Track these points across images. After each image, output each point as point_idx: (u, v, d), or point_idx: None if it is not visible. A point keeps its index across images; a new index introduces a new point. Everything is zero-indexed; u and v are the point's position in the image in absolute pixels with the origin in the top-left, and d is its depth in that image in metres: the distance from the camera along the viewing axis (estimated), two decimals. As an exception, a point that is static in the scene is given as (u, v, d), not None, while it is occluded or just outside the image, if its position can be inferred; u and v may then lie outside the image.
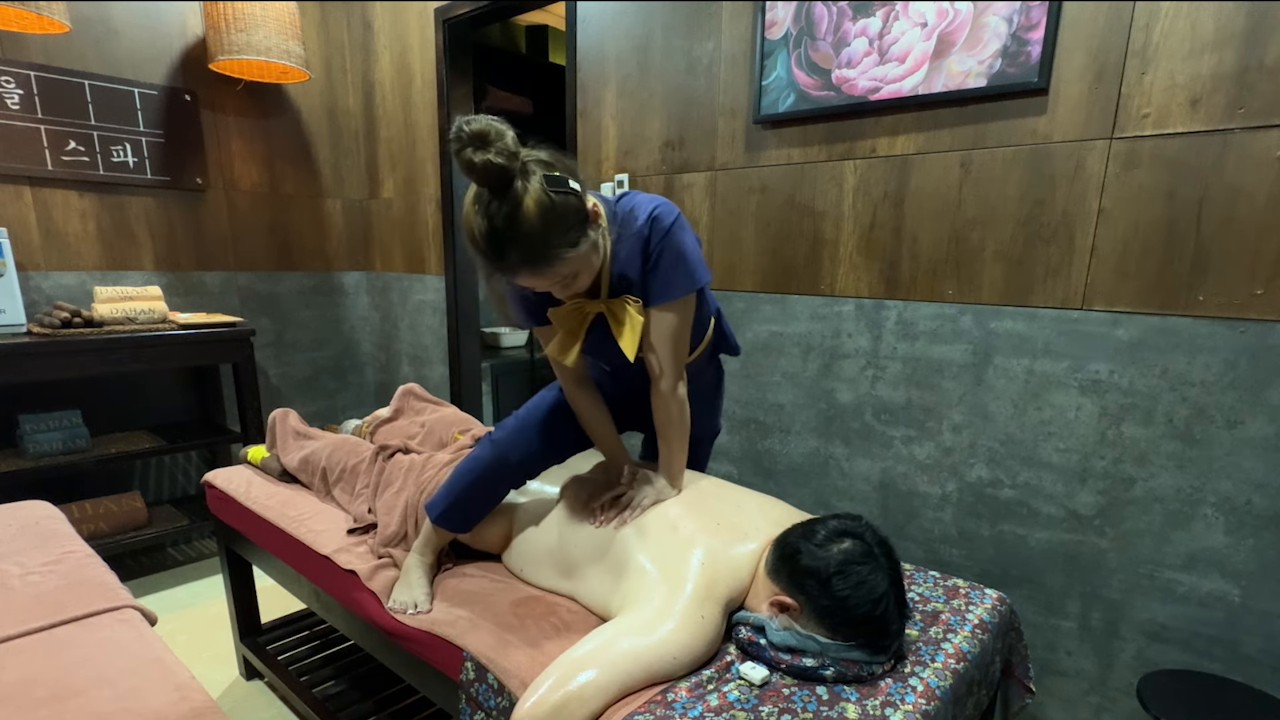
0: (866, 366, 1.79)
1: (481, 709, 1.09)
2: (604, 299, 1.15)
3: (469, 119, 0.91)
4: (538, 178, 0.94)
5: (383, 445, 1.68)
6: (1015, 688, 1.35)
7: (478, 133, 0.90)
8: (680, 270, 1.12)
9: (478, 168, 0.91)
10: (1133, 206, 1.37)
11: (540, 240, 0.95)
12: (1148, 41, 1.31)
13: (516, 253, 0.96)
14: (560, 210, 0.96)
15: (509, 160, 0.91)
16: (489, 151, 0.90)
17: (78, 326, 2.24)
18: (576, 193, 0.98)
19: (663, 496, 1.26)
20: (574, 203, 0.98)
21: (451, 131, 0.91)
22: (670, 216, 1.11)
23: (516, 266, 0.98)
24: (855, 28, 1.64)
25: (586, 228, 1.01)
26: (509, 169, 0.92)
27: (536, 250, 0.96)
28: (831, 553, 1.04)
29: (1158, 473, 1.41)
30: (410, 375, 3.34)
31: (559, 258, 0.98)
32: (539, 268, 0.98)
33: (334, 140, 3.23)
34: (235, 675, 2.06)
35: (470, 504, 1.32)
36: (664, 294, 1.13)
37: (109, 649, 1.09)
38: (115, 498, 2.51)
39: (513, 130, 0.93)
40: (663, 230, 1.10)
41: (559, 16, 3.55)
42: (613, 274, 1.14)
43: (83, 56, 2.46)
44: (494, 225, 0.94)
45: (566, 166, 1.00)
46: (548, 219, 0.94)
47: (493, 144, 0.90)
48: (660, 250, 1.11)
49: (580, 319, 1.15)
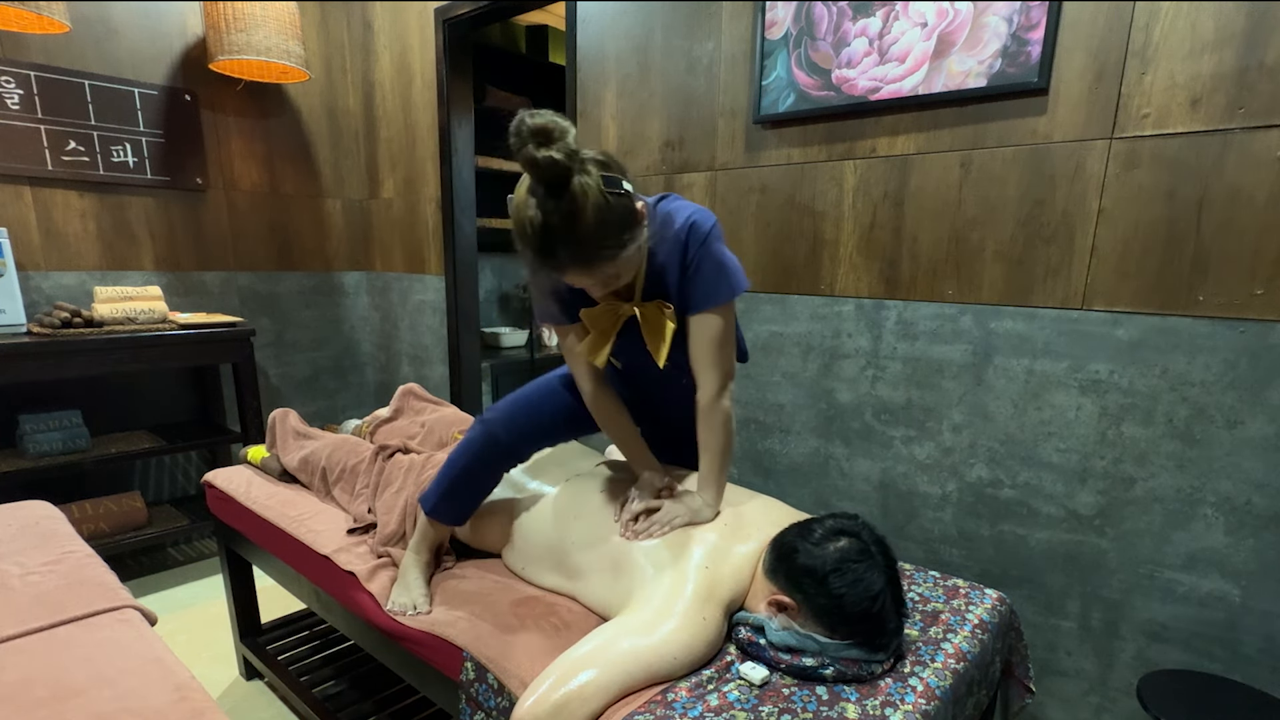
0: (866, 366, 1.79)
1: (481, 709, 1.09)
2: (637, 301, 1.14)
3: (532, 112, 0.89)
4: (595, 177, 0.93)
5: (382, 445, 1.68)
6: (1015, 688, 1.35)
7: (540, 128, 0.89)
8: (722, 277, 1.12)
9: (540, 164, 0.89)
10: (1133, 206, 1.37)
11: (593, 240, 0.95)
12: (1148, 41, 1.31)
13: (567, 251, 0.96)
14: (614, 211, 0.95)
15: (569, 158, 0.90)
16: (551, 148, 0.89)
17: (78, 326, 2.24)
18: (629, 194, 0.98)
19: (699, 519, 1.18)
20: (626, 204, 0.98)
21: (512, 125, 0.90)
22: (708, 224, 1.11)
23: (565, 264, 0.98)
24: (855, 28, 1.64)
25: (636, 229, 1.01)
26: (569, 166, 0.91)
27: (588, 250, 0.96)
28: (828, 551, 1.04)
29: (1158, 473, 1.41)
30: (410, 375, 3.34)
31: (608, 258, 0.98)
32: (588, 266, 0.98)
33: (334, 140, 3.23)
34: (235, 675, 2.06)
35: (462, 492, 1.31)
36: (708, 300, 1.13)
37: (109, 649, 1.09)
38: (115, 498, 2.51)
39: (572, 127, 0.92)
40: (701, 238, 1.10)
41: (559, 16, 3.55)
42: (647, 277, 1.13)
43: (83, 56, 2.46)
44: (549, 223, 0.93)
45: (619, 167, 0.99)
46: (602, 219, 0.94)
47: (555, 140, 0.89)
48: (700, 258, 1.10)
49: (613, 320, 1.15)
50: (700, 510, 1.20)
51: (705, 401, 1.19)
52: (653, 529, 1.16)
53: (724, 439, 1.20)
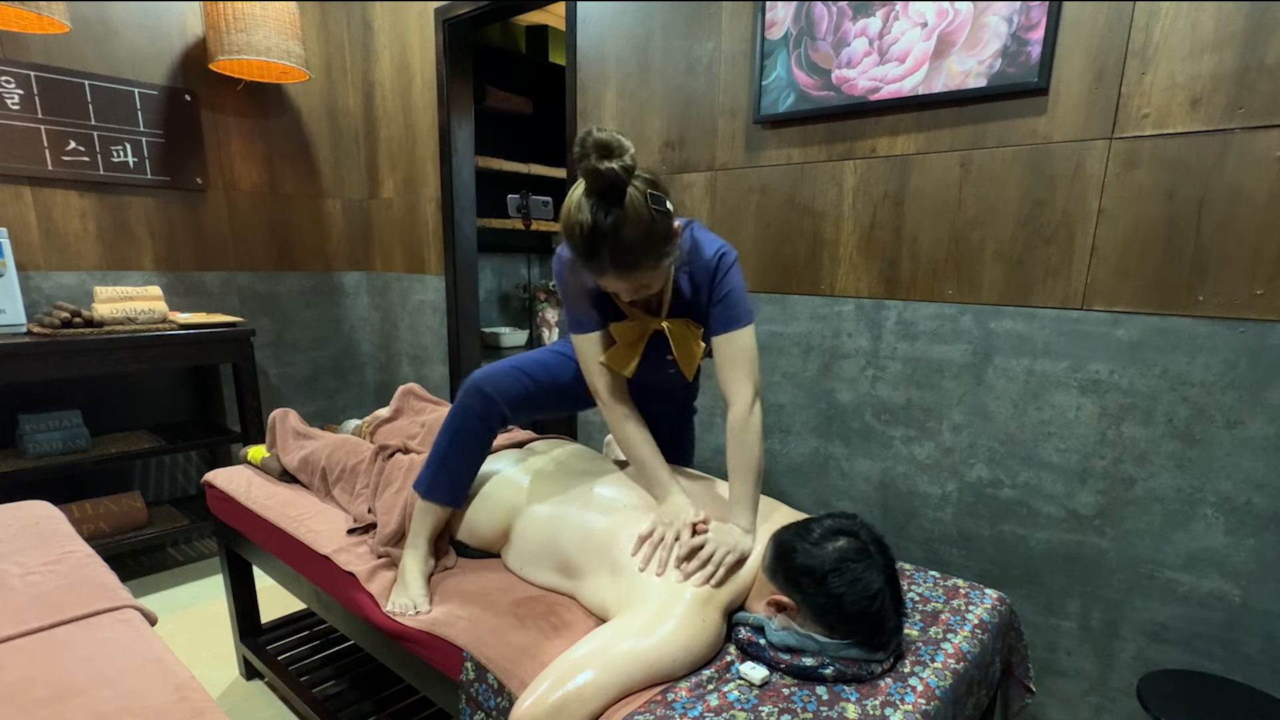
0: (866, 366, 1.79)
1: (481, 709, 1.09)
2: (664, 317, 1.25)
3: (598, 128, 1.01)
4: (644, 194, 1.04)
5: (383, 445, 1.68)
6: (1015, 688, 1.35)
7: (604, 142, 1.00)
8: (744, 302, 1.24)
9: (603, 175, 1.00)
10: (1133, 206, 1.37)
11: (635, 250, 1.05)
12: (1148, 41, 1.31)
13: (610, 255, 1.05)
14: (656, 227, 1.06)
15: (627, 175, 1.02)
16: (613, 161, 1.00)
17: (78, 326, 2.24)
18: (670, 213, 1.09)
19: (740, 548, 1.15)
20: (666, 222, 1.08)
21: (578, 137, 1.01)
22: (733, 256, 1.24)
23: (606, 267, 1.07)
24: (855, 28, 1.64)
25: (672, 246, 1.11)
26: (624, 181, 1.02)
27: (629, 257, 1.06)
28: (826, 551, 1.04)
29: (1158, 473, 1.41)
30: (410, 375, 3.34)
31: (646, 267, 1.08)
32: (625, 272, 1.08)
33: (334, 140, 3.23)
34: (235, 675, 2.06)
35: (453, 463, 1.33)
36: (735, 322, 1.23)
37: (109, 649, 1.09)
38: (115, 498, 2.51)
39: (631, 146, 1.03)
40: (728, 268, 1.23)
41: (559, 16, 3.55)
42: (674, 297, 1.24)
43: (83, 56, 2.46)
44: (599, 228, 1.03)
45: (664, 189, 1.10)
46: (647, 233, 1.05)
47: (616, 156, 1.00)
48: (727, 285, 1.22)
49: (641, 334, 1.26)
50: (741, 541, 1.16)
51: (738, 416, 1.22)
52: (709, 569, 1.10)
53: (758, 456, 1.21)
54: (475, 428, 1.33)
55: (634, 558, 1.14)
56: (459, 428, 1.33)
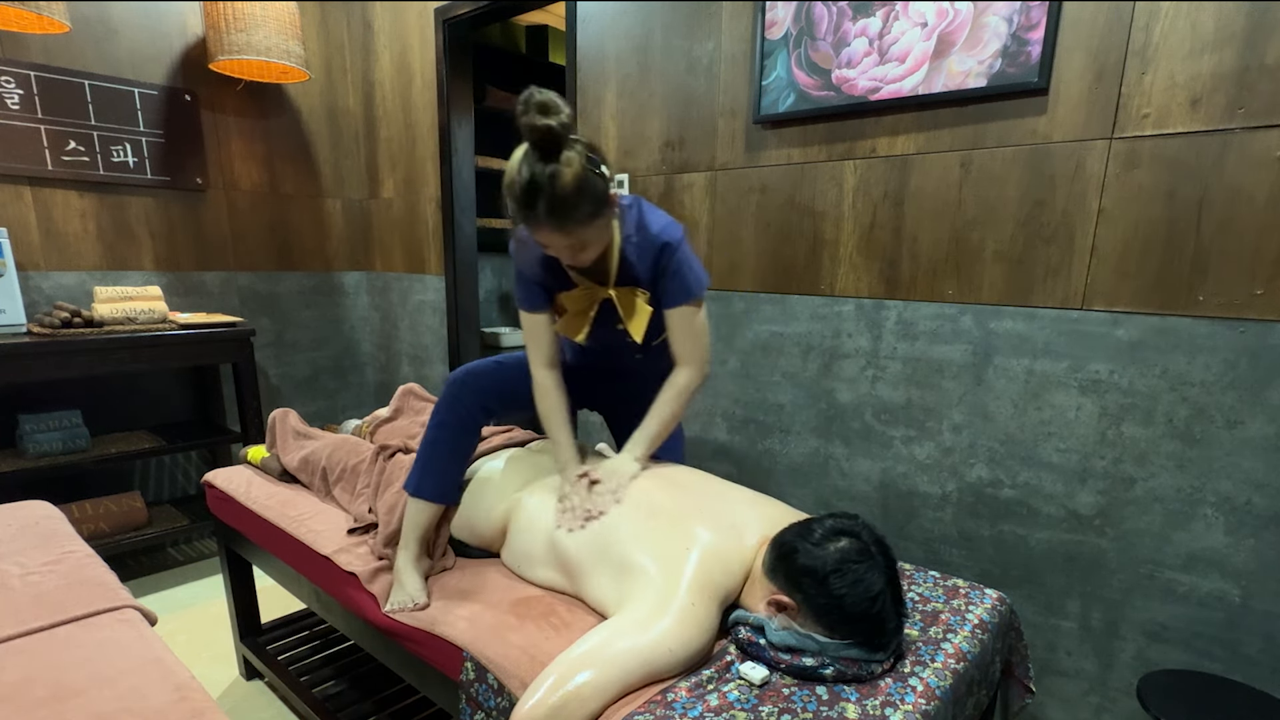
0: (866, 366, 1.79)
1: (481, 709, 1.09)
2: (612, 286, 1.30)
3: (538, 89, 1.07)
4: (581, 152, 1.11)
5: (383, 445, 1.68)
6: (1015, 688, 1.35)
7: (543, 102, 1.06)
8: (692, 277, 1.29)
9: (539, 129, 1.06)
10: (1133, 206, 1.37)
11: (570, 203, 1.10)
12: (1148, 41, 1.31)
13: (545, 207, 1.10)
14: (592, 185, 1.12)
15: (564, 130, 1.08)
16: (550, 118, 1.06)
17: (78, 326, 2.24)
18: (604, 176, 1.14)
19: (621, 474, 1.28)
20: (601, 184, 1.14)
21: (521, 96, 1.07)
22: (677, 237, 1.28)
23: (541, 220, 1.12)
24: (855, 28, 1.64)
25: (606, 208, 1.17)
26: (562, 137, 1.08)
27: (564, 209, 1.11)
28: (828, 551, 1.04)
29: (1158, 473, 1.42)
30: (410, 375, 3.34)
31: (579, 221, 1.13)
32: (559, 225, 1.13)
33: (334, 140, 3.23)
34: (235, 675, 2.06)
35: (440, 457, 1.35)
36: (684, 296, 1.29)
37: (109, 649, 1.09)
38: (115, 498, 2.51)
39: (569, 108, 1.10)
40: (674, 245, 1.27)
41: (559, 16, 3.55)
42: (621, 267, 1.28)
43: (83, 56, 2.46)
44: (535, 179, 1.09)
45: (603, 157, 1.16)
46: (581, 188, 1.10)
47: (554, 114, 1.06)
48: (675, 261, 1.27)
49: (590, 302, 1.32)
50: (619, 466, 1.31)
51: (681, 378, 1.35)
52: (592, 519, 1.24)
53: (677, 410, 1.36)
54: (457, 422, 1.36)
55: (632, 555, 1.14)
56: (441, 422, 1.37)
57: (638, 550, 1.14)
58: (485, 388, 1.38)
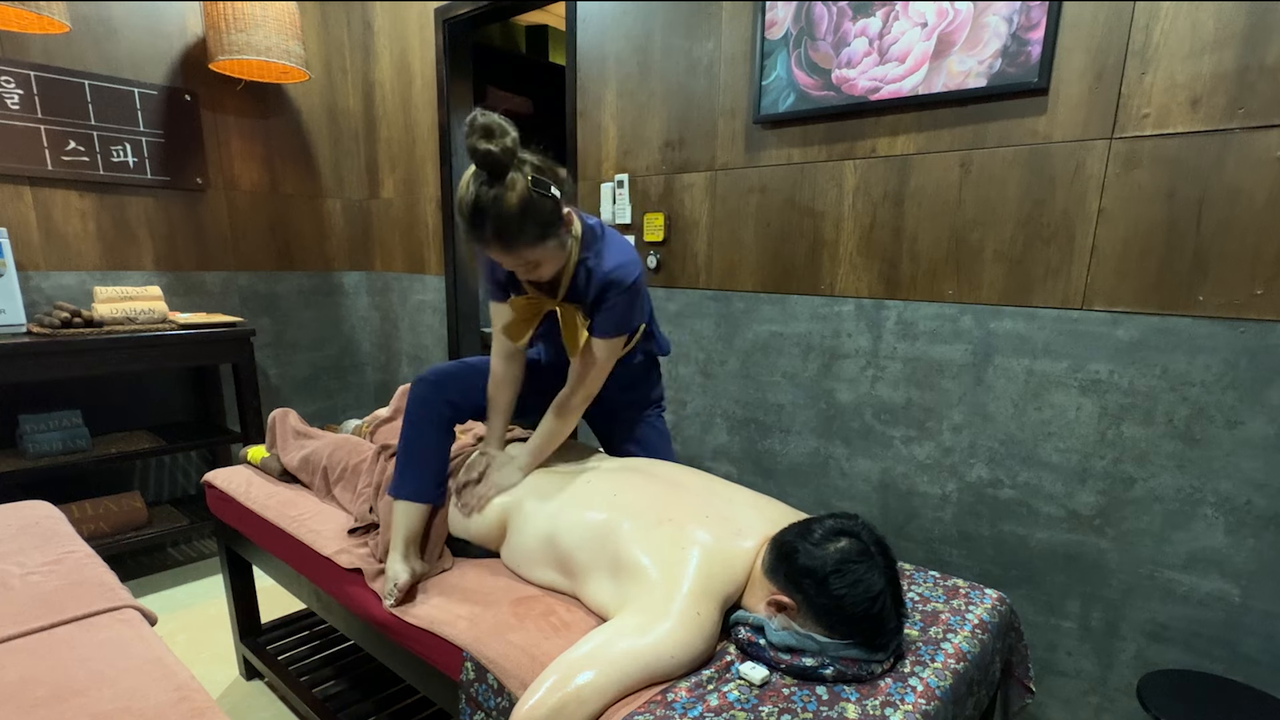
0: (866, 366, 1.79)
1: (481, 709, 1.09)
2: (559, 300, 1.33)
3: (483, 112, 1.09)
4: (526, 176, 1.12)
5: (384, 445, 1.68)
6: (1015, 688, 1.35)
7: (487, 126, 1.08)
8: (622, 321, 1.32)
9: (481, 154, 1.09)
10: (1133, 206, 1.37)
11: (515, 225, 1.13)
12: (1148, 41, 1.31)
13: (492, 229, 1.13)
14: (537, 206, 1.13)
15: (506, 155, 1.09)
16: (493, 143, 1.08)
17: (78, 326, 2.24)
18: (555, 198, 1.16)
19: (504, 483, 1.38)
20: (550, 205, 1.15)
21: (466, 120, 1.09)
22: (629, 280, 1.28)
23: (489, 240, 1.15)
24: (855, 28, 1.64)
25: (557, 229, 1.19)
26: (505, 161, 1.10)
27: (509, 232, 1.14)
28: (828, 551, 1.04)
29: (1158, 473, 1.41)
30: (410, 375, 3.34)
31: (525, 244, 1.16)
32: (507, 246, 1.16)
33: (334, 140, 3.23)
34: (235, 675, 2.06)
35: (415, 457, 1.38)
36: (603, 332, 1.32)
37: (109, 649, 1.09)
38: (115, 498, 2.51)
39: (516, 131, 1.11)
40: (620, 290, 1.28)
41: (559, 16, 3.55)
42: (572, 283, 1.31)
43: (83, 56, 2.46)
44: (481, 202, 1.12)
45: (554, 175, 1.18)
46: (525, 210, 1.12)
47: (497, 138, 1.08)
48: (616, 302, 1.29)
49: (536, 311, 1.36)
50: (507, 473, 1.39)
51: (562, 398, 1.40)
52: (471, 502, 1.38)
53: (559, 429, 1.41)
54: (426, 420, 1.39)
55: (632, 556, 1.14)
56: (411, 421, 1.40)
57: (638, 551, 1.14)
58: (448, 385, 1.41)
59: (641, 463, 1.41)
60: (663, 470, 1.35)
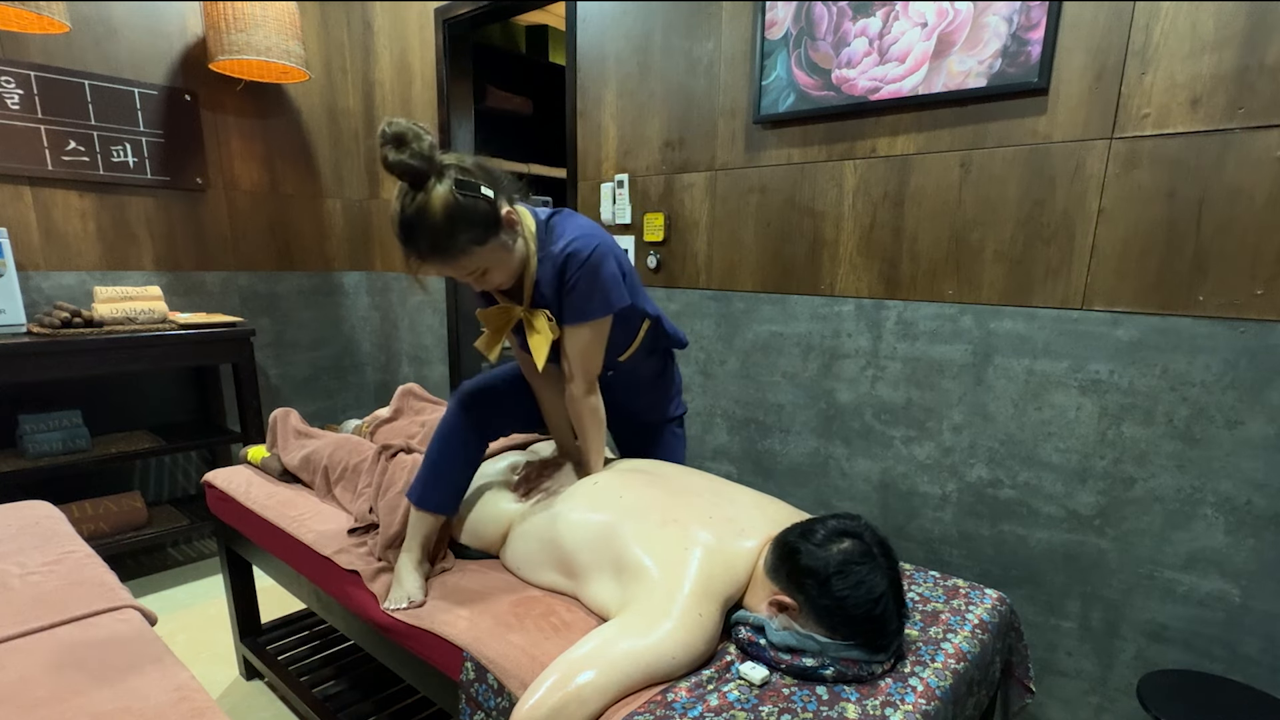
0: (866, 366, 1.79)
1: (481, 709, 1.09)
2: (525, 307, 1.26)
3: (393, 121, 1.03)
4: (449, 180, 1.06)
5: (385, 445, 1.68)
6: (1015, 688, 1.35)
7: (397, 134, 1.02)
8: (595, 298, 1.22)
9: (392, 164, 1.03)
10: (1133, 206, 1.37)
11: (445, 234, 1.07)
12: (1148, 41, 1.31)
13: (423, 241, 1.08)
14: (466, 210, 1.07)
15: (421, 161, 1.03)
16: (404, 152, 1.02)
17: (78, 326, 2.24)
18: (487, 199, 1.09)
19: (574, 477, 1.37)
20: (483, 206, 1.09)
21: (378, 130, 1.04)
22: (586, 250, 1.19)
23: (425, 253, 1.10)
24: (855, 28, 1.64)
25: (496, 230, 1.12)
26: (421, 169, 1.04)
27: (441, 242, 1.08)
28: (831, 552, 1.04)
29: (1158, 473, 1.41)
30: (410, 375, 3.34)
31: (463, 251, 1.10)
32: (443, 257, 1.10)
33: (334, 140, 3.23)
34: (235, 675, 2.06)
35: (445, 474, 1.34)
36: (577, 317, 1.24)
37: (109, 649, 1.09)
38: (115, 498, 2.51)
39: (430, 136, 1.05)
40: (579, 263, 1.19)
41: (559, 16, 3.55)
42: (536, 287, 1.25)
43: (83, 56, 2.46)
44: (406, 215, 1.07)
45: (487, 175, 1.11)
46: (453, 216, 1.06)
47: (409, 145, 1.02)
48: (577, 279, 1.20)
49: (505, 320, 1.28)
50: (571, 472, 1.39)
51: (570, 395, 1.34)
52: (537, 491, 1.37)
53: (591, 423, 1.36)
54: (462, 437, 1.35)
55: (633, 556, 1.14)
56: (447, 435, 1.35)
57: (640, 551, 1.14)
58: (490, 405, 1.36)
59: (648, 464, 1.41)
60: (669, 472, 1.35)
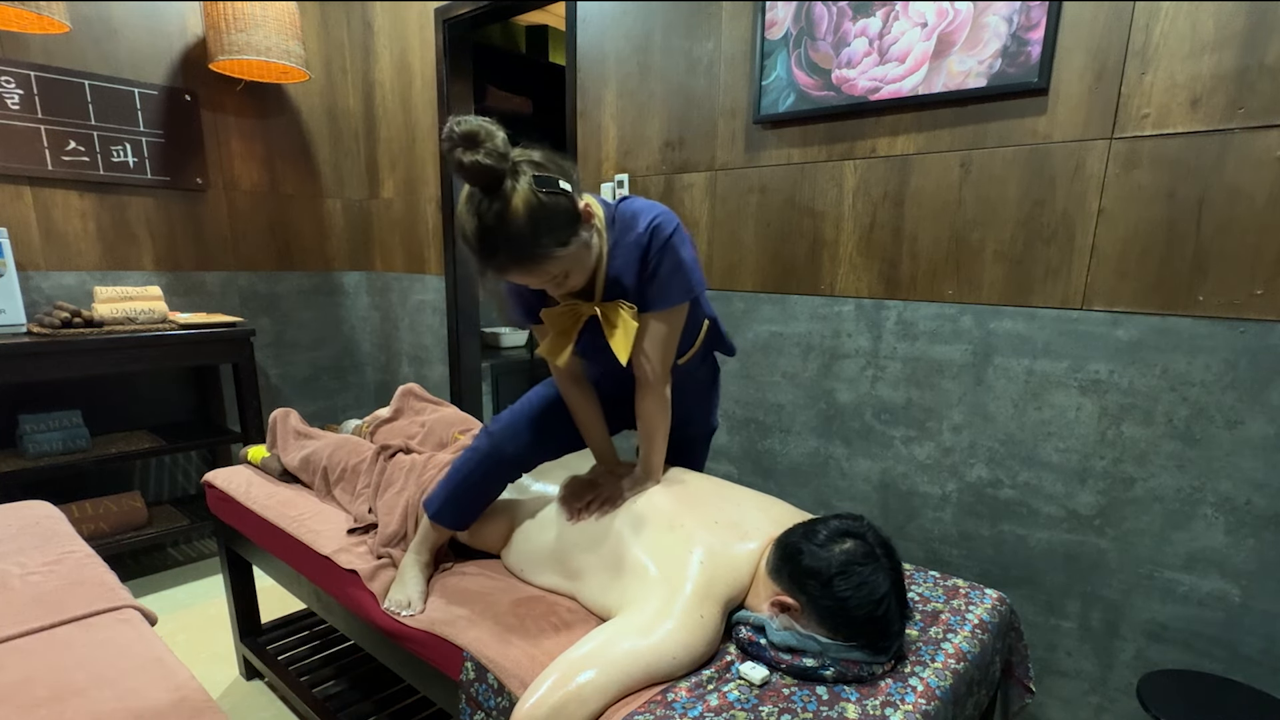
0: (866, 366, 1.79)
1: (481, 709, 1.09)
2: (598, 302, 1.15)
3: (460, 119, 0.92)
4: (527, 178, 0.95)
5: (384, 445, 1.68)
6: (1015, 688, 1.35)
7: (468, 133, 0.92)
8: (677, 279, 1.14)
9: (467, 168, 0.92)
10: (1133, 206, 1.37)
11: (529, 239, 0.97)
12: (1148, 41, 1.31)
13: (506, 251, 0.98)
14: (549, 210, 0.97)
15: (498, 161, 0.93)
16: (478, 152, 0.92)
17: (78, 326, 2.24)
18: (567, 193, 0.99)
19: (641, 487, 1.27)
20: (564, 203, 0.99)
21: (443, 132, 0.93)
22: (670, 226, 1.12)
23: (506, 265, 1.00)
24: (855, 28, 1.64)
25: (577, 227, 1.02)
26: (498, 169, 0.93)
27: (525, 249, 0.97)
28: (833, 553, 1.04)
29: (1158, 473, 1.41)
30: (410, 375, 3.34)
31: (548, 256, 1.00)
32: (528, 266, 1.00)
33: (334, 140, 3.23)
34: (235, 675, 2.06)
35: (466, 500, 1.32)
36: (661, 301, 1.15)
37: (109, 649, 1.09)
38: (115, 498, 2.51)
39: (504, 131, 0.95)
40: (663, 239, 1.11)
41: (559, 16, 3.55)
42: (608, 277, 1.14)
43: (83, 56, 2.46)
44: (484, 224, 0.96)
45: (559, 167, 1.01)
46: (536, 218, 0.96)
47: (482, 144, 0.92)
48: (660, 259, 1.12)
49: (574, 320, 1.17)
50: (639, 479, 1.29)
51: (647, 392, 1.25)
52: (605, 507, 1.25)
53: (661, 423, 1.28)
54: (494, 480, 1.33)
55: (634, 557, 1.14)
56: (475, 475, 1.31)
57: (641, 552, 1.14)
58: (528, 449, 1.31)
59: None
60: (675, 474, 1.35)
